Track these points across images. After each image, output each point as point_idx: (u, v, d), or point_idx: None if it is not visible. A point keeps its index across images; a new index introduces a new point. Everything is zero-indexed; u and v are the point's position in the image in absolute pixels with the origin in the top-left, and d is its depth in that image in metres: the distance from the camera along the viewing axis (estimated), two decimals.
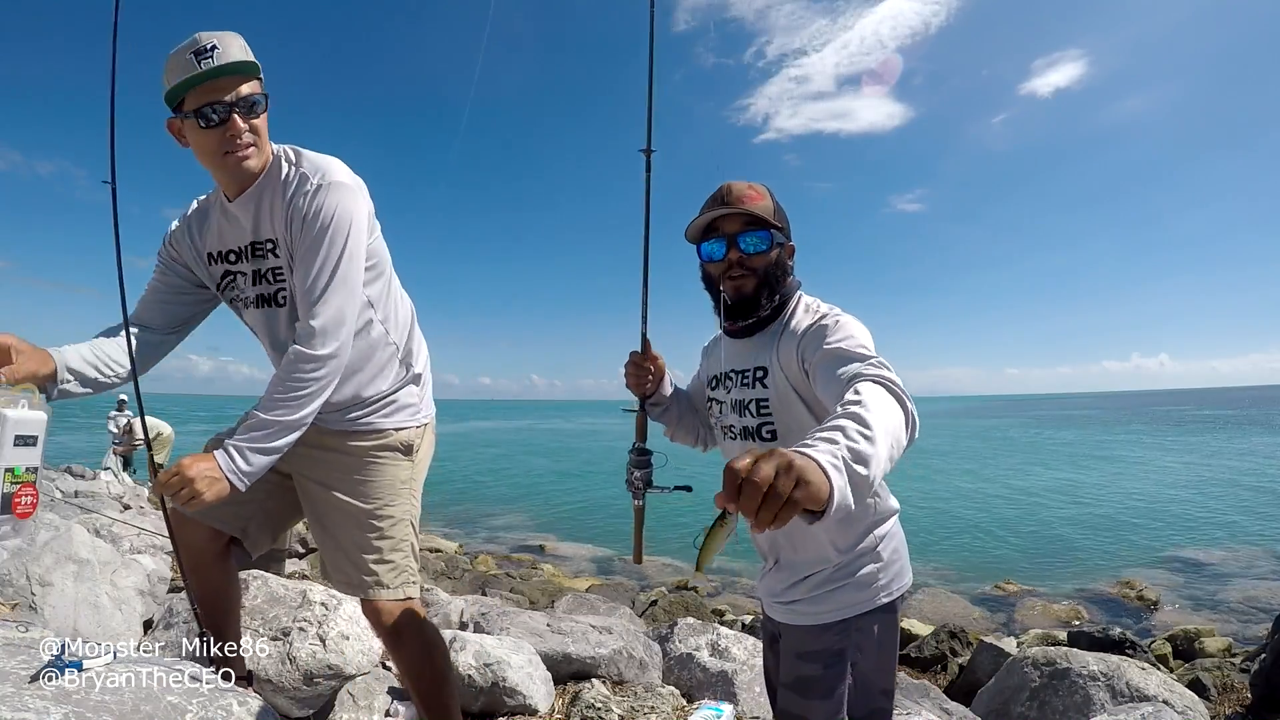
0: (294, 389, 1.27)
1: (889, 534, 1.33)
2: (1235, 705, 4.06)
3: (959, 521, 13.12)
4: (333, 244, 1.32)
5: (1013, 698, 3.10)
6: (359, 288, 1.37)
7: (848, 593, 1.29)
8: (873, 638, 1.31)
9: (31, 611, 2.22)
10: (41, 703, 0.93)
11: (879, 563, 1.30)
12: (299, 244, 1.33)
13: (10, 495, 1.12)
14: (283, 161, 1.41)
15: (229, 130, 1.31)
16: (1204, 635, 5.93)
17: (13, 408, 1.13)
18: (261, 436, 1.25)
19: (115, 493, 7.74)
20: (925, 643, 5.56)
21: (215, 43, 1.28)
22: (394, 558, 1.49)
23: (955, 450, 30.28)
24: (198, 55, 1.27)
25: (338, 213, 1.32)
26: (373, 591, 1.47)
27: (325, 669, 2.06)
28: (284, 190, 1.37)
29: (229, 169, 1.35)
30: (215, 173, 1.39)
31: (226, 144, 1.32)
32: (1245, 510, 13.23)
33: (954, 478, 20.05)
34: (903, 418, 0.93)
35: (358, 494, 1.48)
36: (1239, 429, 39.40)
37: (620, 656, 2.73)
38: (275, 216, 1.38)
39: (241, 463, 1.23)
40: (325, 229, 1.31)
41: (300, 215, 1.33)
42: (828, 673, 1.30)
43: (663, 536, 12.31)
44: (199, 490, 1.20)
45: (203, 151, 1.34)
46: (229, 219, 1.44)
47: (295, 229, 1.34)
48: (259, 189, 1.39)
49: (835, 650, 1.30)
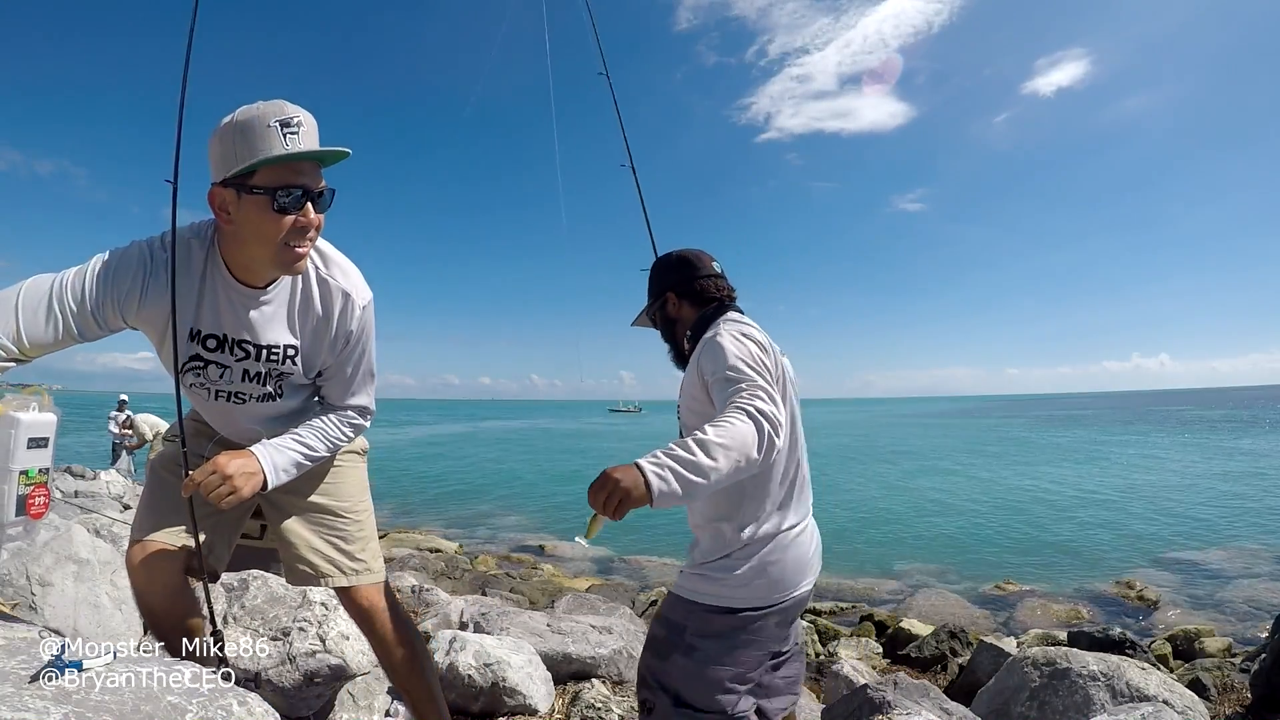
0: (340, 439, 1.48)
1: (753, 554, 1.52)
2: (1235, 705, 4.06)
3: (959, 521, 13.12)
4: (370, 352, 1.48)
5: (1013, 698, 3.10)
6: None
7: (698, 581, 1.54)
8: (712, 629, 1.50)
9: (31, 611, 2.22)
10: (41, 703, 0.93)
11: (729, 573, 1.51)
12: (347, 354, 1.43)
13: (24, 497, 1.12)
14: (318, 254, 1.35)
15: (301, 222, 1.19)
16: (1204, 635, 5.94)
17: (25, 410, 1.13)
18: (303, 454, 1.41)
19: (115, 493, 7.74)
20: (925, 643, 5.56)
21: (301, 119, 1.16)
22: (372, 545, 1.62)
23: (955, 450, 30.29)
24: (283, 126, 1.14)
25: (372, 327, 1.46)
26: (361, 577, 1.56)
27: (325, 669, 2.06)
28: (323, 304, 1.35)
29: (282, 263, 1.24)
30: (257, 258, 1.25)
31: (293, 237, 1.20)
32: (1245, 510, 13.23)
33: (954, 478, 20.06)
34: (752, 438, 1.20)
35: (332, 496, 1.58)
36: (1239, 429, 39.41)
37: (620, 656, 2.73)
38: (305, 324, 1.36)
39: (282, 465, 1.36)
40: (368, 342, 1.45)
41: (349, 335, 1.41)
42: (668, 638, 1.53)
43: (663, 536, 12.32)
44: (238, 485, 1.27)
45: (260, 235, 1.19)
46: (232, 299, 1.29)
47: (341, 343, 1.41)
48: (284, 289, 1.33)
49: (678, 623, 1.53)
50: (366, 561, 1.59)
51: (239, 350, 1.34)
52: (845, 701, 2.69)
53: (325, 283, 1.35)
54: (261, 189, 1.16)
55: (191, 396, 1.45)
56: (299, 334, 1.36)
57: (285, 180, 1.16)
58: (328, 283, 1.35)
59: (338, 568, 1.55)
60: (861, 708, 2.54)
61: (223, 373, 1.36)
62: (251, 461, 1.31)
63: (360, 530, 1.60)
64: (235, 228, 1.21)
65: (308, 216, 1.20)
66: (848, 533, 12.47)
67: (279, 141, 1.13)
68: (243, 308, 1.31)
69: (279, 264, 1.24)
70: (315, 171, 1.21)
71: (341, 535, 1.57)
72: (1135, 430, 41.63)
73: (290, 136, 1.14)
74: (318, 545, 1.54)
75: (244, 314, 1.31)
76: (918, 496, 16.58)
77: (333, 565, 1.55)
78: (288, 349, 1.36)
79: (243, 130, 1.14)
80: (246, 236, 1.21)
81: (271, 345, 1.35)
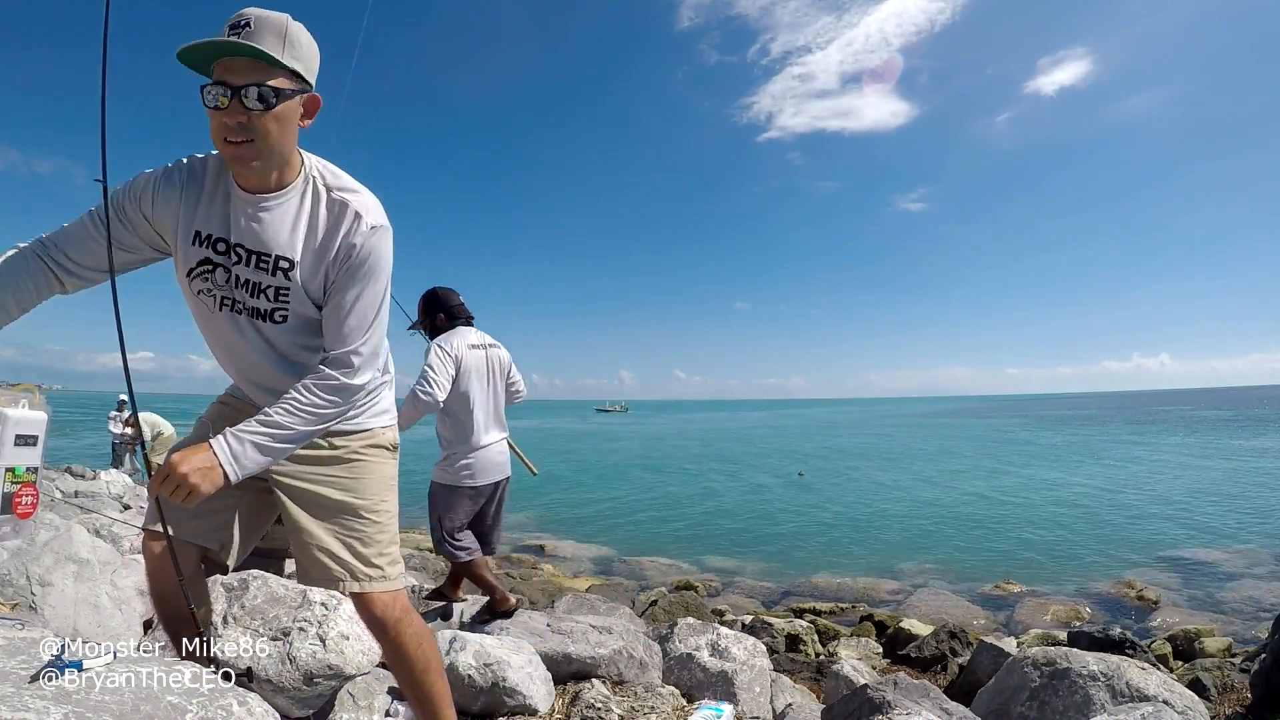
0: (320, 406, 1.32)
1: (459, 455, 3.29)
2: (1235, 705, 4.06)
3: (959, 521, 13.12)
4: (378, 286, 1.36)
5: (1013, 698, 3.09)
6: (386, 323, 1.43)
7: (438, 472, 3.35)
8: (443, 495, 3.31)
9: (31, 611, 2.22)
10: (41, 703, 0.93)
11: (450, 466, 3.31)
12: (344, 279, 1.33)
13: (10, 495, 1.12)
14: (319, 184, 1.34)
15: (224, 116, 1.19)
16: (1204, 635, 5.93)
17: (13, 407, 1.13)
18: (270, 435, 1.27)
19: (115, 493, 7.74)
20: (925, 643, 5.56)
21: (252, 20, 1.18)
22: (391, 550, 1.53)
23: (955, 450, 30.28)
24: (231, 28, 1.18)
25: (386, 257, 1.36)
26: (375, 583, 1.48)
27: (325, 669, 2.05)
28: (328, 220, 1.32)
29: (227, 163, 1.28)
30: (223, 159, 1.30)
31: (223, 132, 1.21)
32: (1246, 510, 13.23)
33: (954, 478, 20.05)
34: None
35: (353, 492, 1.49)
36: (1239, 429, 39.40)
37: (620, 656, 2.73)
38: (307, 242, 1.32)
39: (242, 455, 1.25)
40: (374, 271, 1.34)
41: (352, 253, 1.32)
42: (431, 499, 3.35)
43: (663, 536, 12.32)
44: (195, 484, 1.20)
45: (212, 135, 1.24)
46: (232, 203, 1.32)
47: (341, 263, 1.32)
48: (288, 202, 1.32)
49: (432, 492, 3.35)
50: (383, 567, 1.50)
51: (234, 254, 1.32)
52: (845, 701, 2.69)
53: (335, 200, 1.33)
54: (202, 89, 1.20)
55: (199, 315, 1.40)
56: (297, 248, 1.32)
57: (217, 76, 1.19)
58: (336, 200, 1.33)
59: (350, 572, 1.47)
60: (861, 708, 2.55)
61: (226, 277, 1.34)
62: (208, 456, 1.23)
63: (380, 532, 1.51)
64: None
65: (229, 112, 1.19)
66: (848, 532, 12.46)
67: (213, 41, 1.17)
68: (242, 213, 1.31)
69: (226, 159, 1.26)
70: (250, 68, 1.18)
71: (359, 536, 1.48)
72: (1136, 430, 41.62)
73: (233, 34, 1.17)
74: (331, 546, 1.46)
75: (242, 219, 1.31)
76: (918, 496, 16.58)
77: (345, 569, 1.47)
78: (280, 259, 1.31)
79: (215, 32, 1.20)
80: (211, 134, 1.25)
81: (263, 253, 1.31)
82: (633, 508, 15.48)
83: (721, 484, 19.83)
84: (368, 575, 1.48)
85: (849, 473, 21.81)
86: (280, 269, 1.32)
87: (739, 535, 12.38)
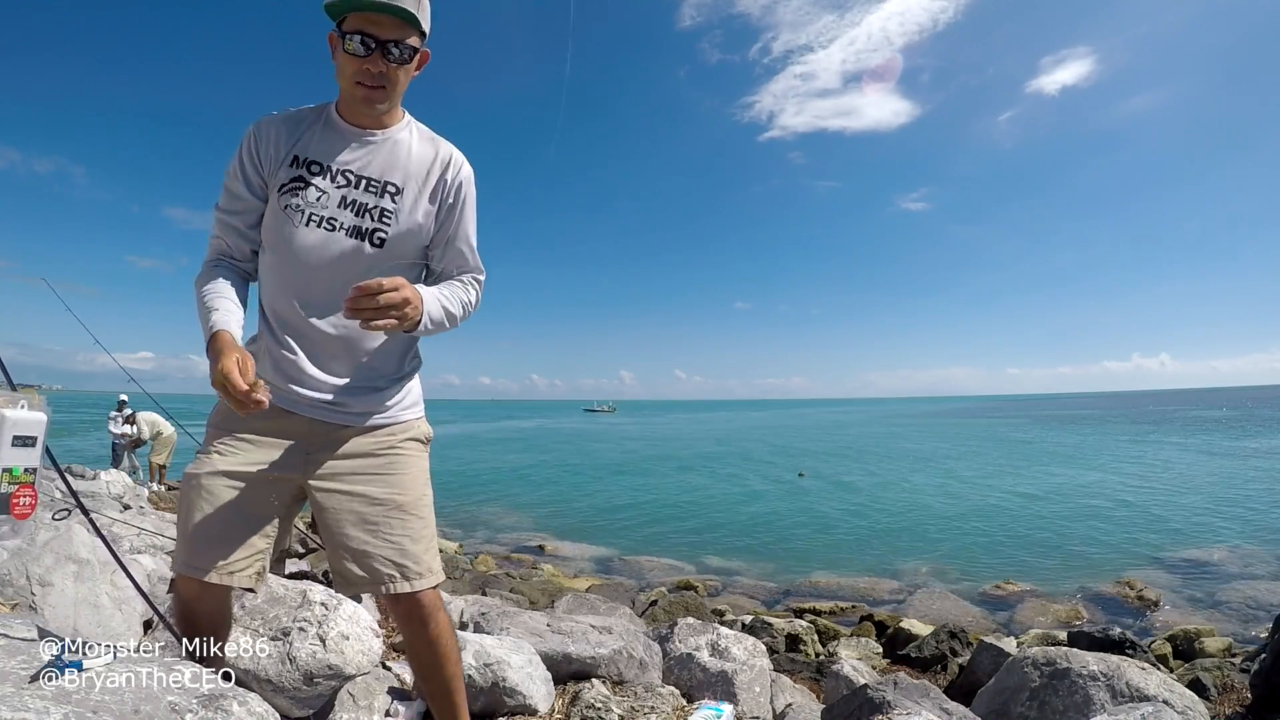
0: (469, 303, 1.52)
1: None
2: (1235, 705, 4.06)
3: (959, 521, 13.12)
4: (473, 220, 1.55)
5: (1013, 698, 3.10)
6: None
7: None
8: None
9: (31, 611, 2.22)
10: (41, 703, 0.93)
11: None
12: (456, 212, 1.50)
13: (8, 496, 1.12)
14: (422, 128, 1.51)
15: (366, 64, 1.34)
16: (1204, 635, 5.94)
17: (12, 408, 1.13)
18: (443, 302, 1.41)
19: (115, 493, 7.74)
20: (925, 643, 5.56)
21: None
22: (434, 545, 1.51)
23: (956, 450, 30.28)
24: None
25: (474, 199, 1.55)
26: (424, 581, 1.43)
27: (325, 669, 2.05)
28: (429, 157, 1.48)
29: (355, 102, 1.40)
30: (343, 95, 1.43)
31: (360, 75, 1.35)
32: (1245, 510, 13.24)
33: (955, 478, 20.06)
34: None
35: (396, 488, 1.46)
36: (1239, 429, 39.41)
37: (620, 656, 2.73)
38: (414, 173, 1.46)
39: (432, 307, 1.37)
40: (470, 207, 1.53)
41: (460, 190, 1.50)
42: None
43: (663, 536, 12.31)
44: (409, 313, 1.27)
45: (341, 73, 1.38)
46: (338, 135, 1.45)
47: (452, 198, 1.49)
48: (395, 137, 1.46)
49: None
50: (429, 563, 1.45)
51: (340, 178, 1.43)
52: (845, 701, 2.69)
53: (434, 141, 1.51)
54: (344, 32, 1.34)
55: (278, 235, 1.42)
56: (404, 177, 1.45)
57: (360, 26, 1.32)
58: (435, 141, 1.51)
59: (402, 572, 1.41)
60: (861, 708, 2.55)
61: (320, 195, 1.41)
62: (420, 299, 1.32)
63: (425, 527, 1.48)
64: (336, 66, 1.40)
65: (372, 60, 1.34)
66: (848, 532, 12.47)
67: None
68: (352, 142, 1.45)
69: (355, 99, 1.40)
70: (394, 24, 1.33)
71: (408, 533, 1.44)
72: (1136, 430, 41.63)
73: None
74: (380, 549, 1.40)
75: (349, 147, 1.44)
76: (918, 496, 16.58)
77: (397, 569, 1.41)
78: (388, 184, 1.44)
79: None
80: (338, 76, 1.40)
81: (372, 178, 1.44)
82: (633, 507, 15.48)
83: (721, 484, 19.83)
84: (418, 574, 1.43)
85: (849, 473, 21.81)
86: (388, 192, 1.44)
87: (739, 535, 12.39)
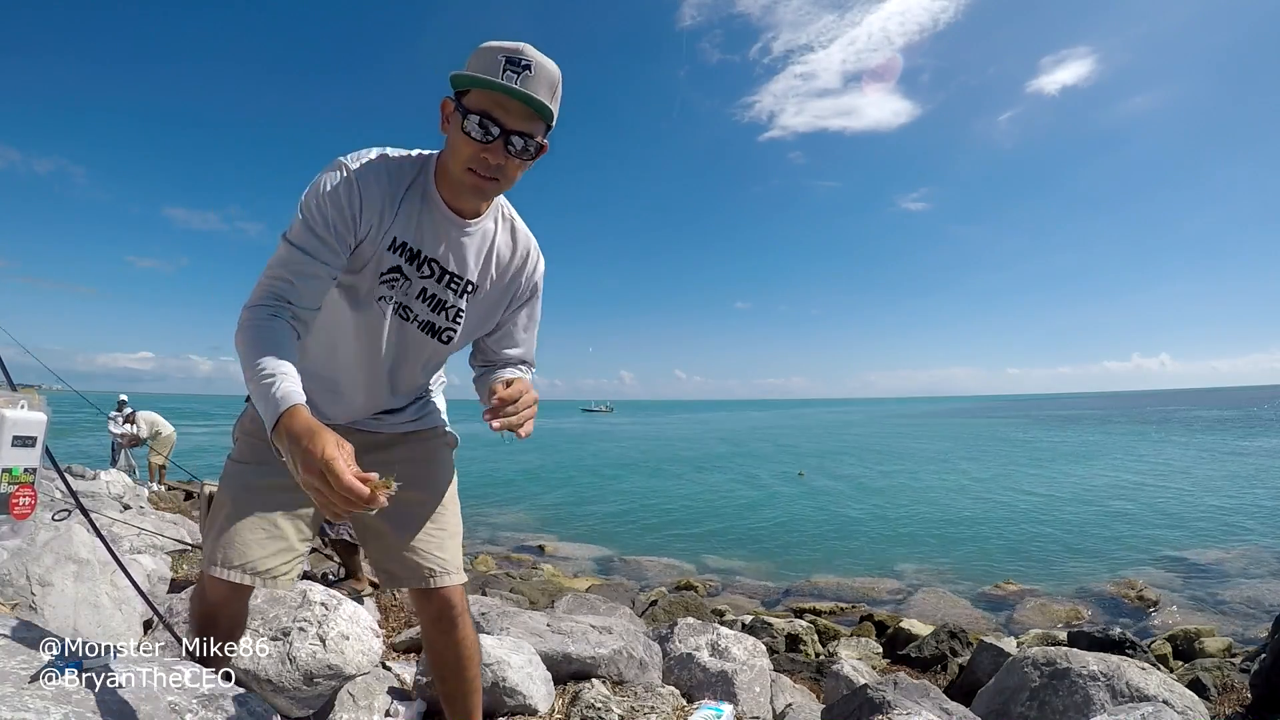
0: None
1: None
2: (1235, 705, 4.06)
3: (959, 521, 13.12)
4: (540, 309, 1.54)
5: (1013, 698, 3.10)
6: None
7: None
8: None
9: (31, 611, 2.22)
10: (41, 703, 0.93)
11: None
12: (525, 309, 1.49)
13: (8, 496, 1.12)
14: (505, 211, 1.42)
15: (485, 152, 1.19)
16: (1204, 635, 5.94)
17: (11, 408, 1.13)
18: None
19: (115, 493, 7.74)
20: (925, 643, 5.56)
21: (533, 64, 1.17)
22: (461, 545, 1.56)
23: (955, 450, 30.29)
24: (510, 64, 1.15)
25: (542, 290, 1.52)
26: (459, 577, 1.48)
27: (325, 669, 2.06)
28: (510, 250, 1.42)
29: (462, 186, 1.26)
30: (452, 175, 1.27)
31: (475, 162, 1.21)
32: (1246, 510, 13.24)
33: (954, 478, 20.07)
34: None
35: (433, 488, 1.51)
36: (1239, 428, 39.42)
37: (620, 656, 2.72)
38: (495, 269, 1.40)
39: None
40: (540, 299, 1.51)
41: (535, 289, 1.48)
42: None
43: (663, 536, 12.31)
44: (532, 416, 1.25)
45: (452, 151, 1.24)
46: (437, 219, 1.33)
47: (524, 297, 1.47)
48: (483, 228, 1.37)
49: None
50: (459, 561, 1.51)
51: (427, 268, 1.34)
52: (845, 701, 2.69)
53: (514, 233, 1.43)
54: (465, 109, 1.19)
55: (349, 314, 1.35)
56: (483, 275, 1.39)
57: (486, 108, 1.17)
58: (516, 233, 1.43)
59: (444, 566, 1.46)
60: (861, 708, 2.55)
61: (406, 284, 1.35)
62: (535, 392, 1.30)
63: (458, 527, 1.54)
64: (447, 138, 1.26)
65: (492, 149, 1.19)
66: (848, 532, 12.47)
67: (497, 73, 1.16)
68: (448, 233, 1.34)
69: (463, 185, 1.25)
70: (523, 114, 1.18)
71: (446, 530, 1.49)
72: (1135, 430, 41.63)
73: (509, 73, 1.15)
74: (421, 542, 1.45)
75: (442, 236, 1.34)
76: (918, 496, 16.59)
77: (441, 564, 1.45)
78: (469, 283, 1.38)
79: (481, 53, 1.18)
80: (447, 147, 1.26)
81: (457, 274, 1.36)
82: (633, 508, 15.48)
83: (722, 484, 19.84)
84: (456, 568, 1.48)
85: (849, 473, 21.81)
86: (467, 292, 1.39)
87: (739, 535, 12.39)
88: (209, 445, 21.63)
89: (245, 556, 1.34)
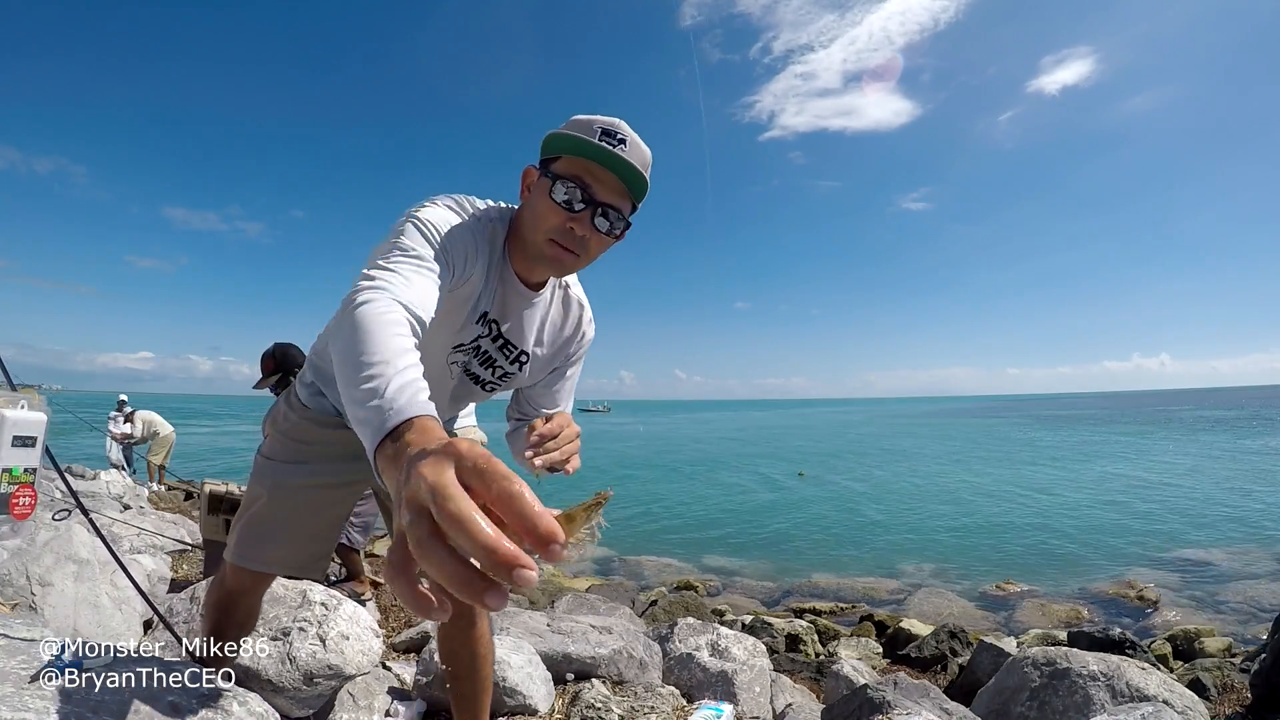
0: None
1: None
2: (1235, 705, 4.06)
3: (959, 521, 13.12)
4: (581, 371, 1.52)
5: (1013, 698, 3.10)
6: None
7: None
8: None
9: (31, 611, 2.22)
10: (41, 703, 0.93)
11: None
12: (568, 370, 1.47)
13: (8, 496, 1.12)
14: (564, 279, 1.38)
15: (573, 222, 1.12)
16: (1204, 635, 5.94)
17: (12, 408, 1.13)
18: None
19: (115, 493, 7.73)
20: (925, 643, 5.56)
21: (629, 140, 1.12)
22: None
23: (955, 450, 30.28)
24: (606, 134, 1.11)
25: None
26: None
27: (325, 669, 2.06)
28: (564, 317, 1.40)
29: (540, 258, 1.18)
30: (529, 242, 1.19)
31: (560, 234, 1.13)
32: (1246, 510, 13.23)
33: (954, 477, 20.06)
34: None
35: None
36: (1239, 429, 39.40)
37: (620, 656, 2.72)
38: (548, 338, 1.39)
39: None
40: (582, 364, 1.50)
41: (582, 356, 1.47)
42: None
43: (663, 536, 12.31)
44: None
45: (537, 221, 1.15)
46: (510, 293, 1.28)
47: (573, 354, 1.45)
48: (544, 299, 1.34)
49: None
50: None
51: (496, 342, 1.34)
52: (845, 701, 2.69)
53: (571, 298, 1.40)
54: (553, 174, 1.12)
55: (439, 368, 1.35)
56: (541, 343, 1.38)
57: (575, 173, 1.12)
58: (573, 298, 1.41)
59: None
60: (861, 708, 2.55)
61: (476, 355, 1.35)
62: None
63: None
64: (526, 203, 1.20)
65: (580, 220, 1.12)
66: (848, 532, 12.46)
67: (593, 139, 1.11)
68: (516, 304, 1.30)
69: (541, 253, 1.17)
70: (616, 188, 1.13)
71: None
72: (1136, 430, 41.62)
73: (606, 142, 1.10)
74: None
75: (515, 310, 1.30)
76: (918, 496, 16.58)
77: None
78: (523, 354, 1.37)
79: (575, 123, 1.13)
80: (528, 215, 1.18)
81: (513, 342, 1.35)
82: (633, 508, 15.47)
83: (722, 484, 19.83)
84: None
85: (849, 473, 21.81)
86: (521, 361, 1.37)
87: (739, 535, 12.38)
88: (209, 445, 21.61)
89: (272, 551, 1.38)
